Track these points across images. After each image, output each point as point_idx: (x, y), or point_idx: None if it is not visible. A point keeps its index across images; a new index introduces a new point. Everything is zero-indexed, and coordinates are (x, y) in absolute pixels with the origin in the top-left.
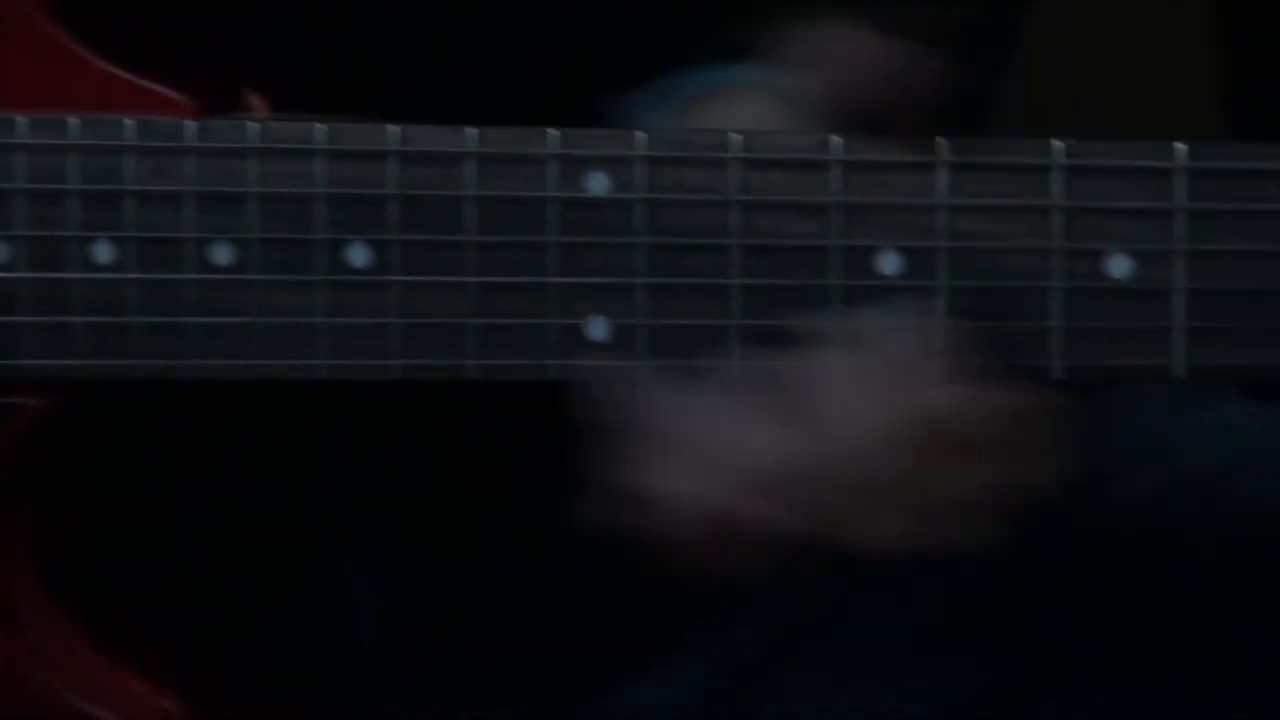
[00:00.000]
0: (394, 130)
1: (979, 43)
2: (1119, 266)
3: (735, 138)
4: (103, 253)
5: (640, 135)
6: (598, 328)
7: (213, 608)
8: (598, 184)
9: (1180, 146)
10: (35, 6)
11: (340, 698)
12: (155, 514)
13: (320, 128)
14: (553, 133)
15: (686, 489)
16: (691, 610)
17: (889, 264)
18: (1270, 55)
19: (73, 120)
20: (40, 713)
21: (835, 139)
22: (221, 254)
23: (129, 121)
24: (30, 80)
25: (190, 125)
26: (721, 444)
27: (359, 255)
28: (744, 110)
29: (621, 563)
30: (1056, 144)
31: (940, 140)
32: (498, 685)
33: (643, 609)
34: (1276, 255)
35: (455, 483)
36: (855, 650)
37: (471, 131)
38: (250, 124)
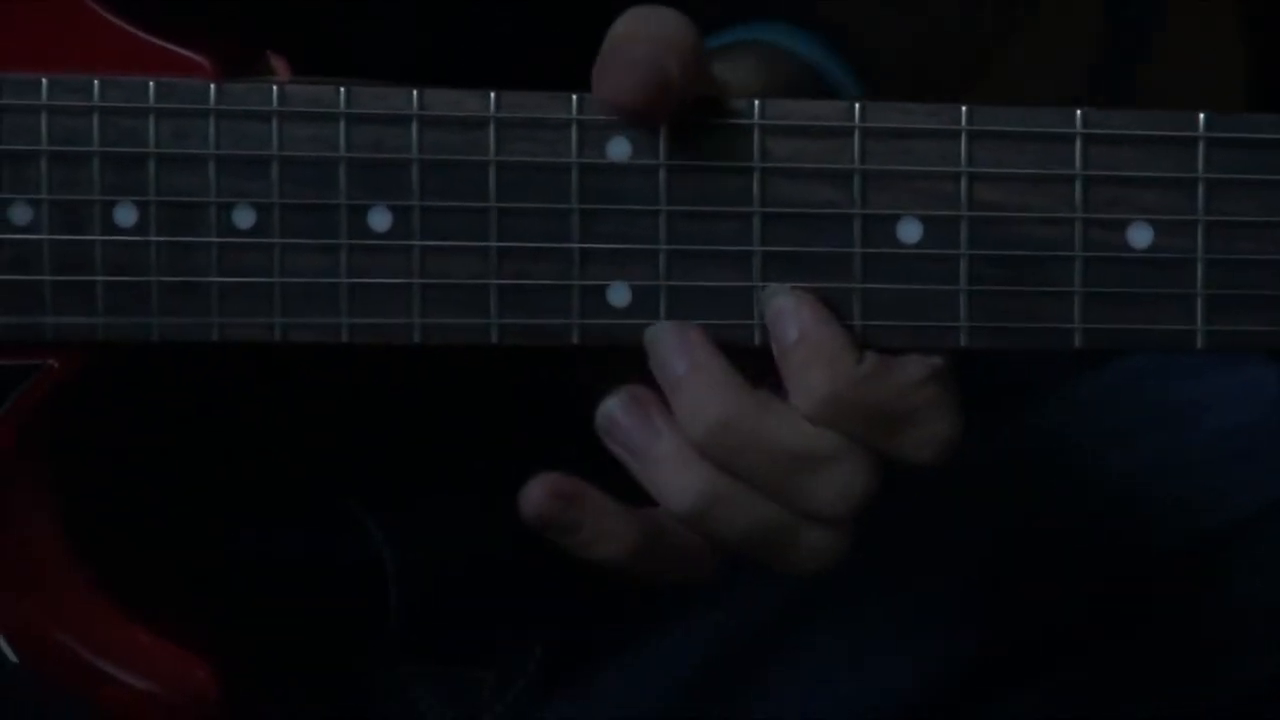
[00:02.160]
0: (415, 94)
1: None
2: (1139, 235)
3: (756, 104)
4: (125, 216)
5: None
6: (619, 293)
7: (239, 573)
8: (619, 149)
9: (1200, 116)
10: None
11: (367, 661)
12: (183, 478)
13: (341, 91)
14: (574, 97)
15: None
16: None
17: (909, 232)
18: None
19: (96, 82)
20: (65, 674)
21: (857, 105)
22: (243, 217)
23: (151, 84)
24: (54, 42)
25: (212, 88)
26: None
27: (380, 219)
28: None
29: None
30: (1077, 112)
31: (962, 107)
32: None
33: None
34: None
35: (484, 447)
36: (837, 638)
37: (492, 96)
38: (272, 87)
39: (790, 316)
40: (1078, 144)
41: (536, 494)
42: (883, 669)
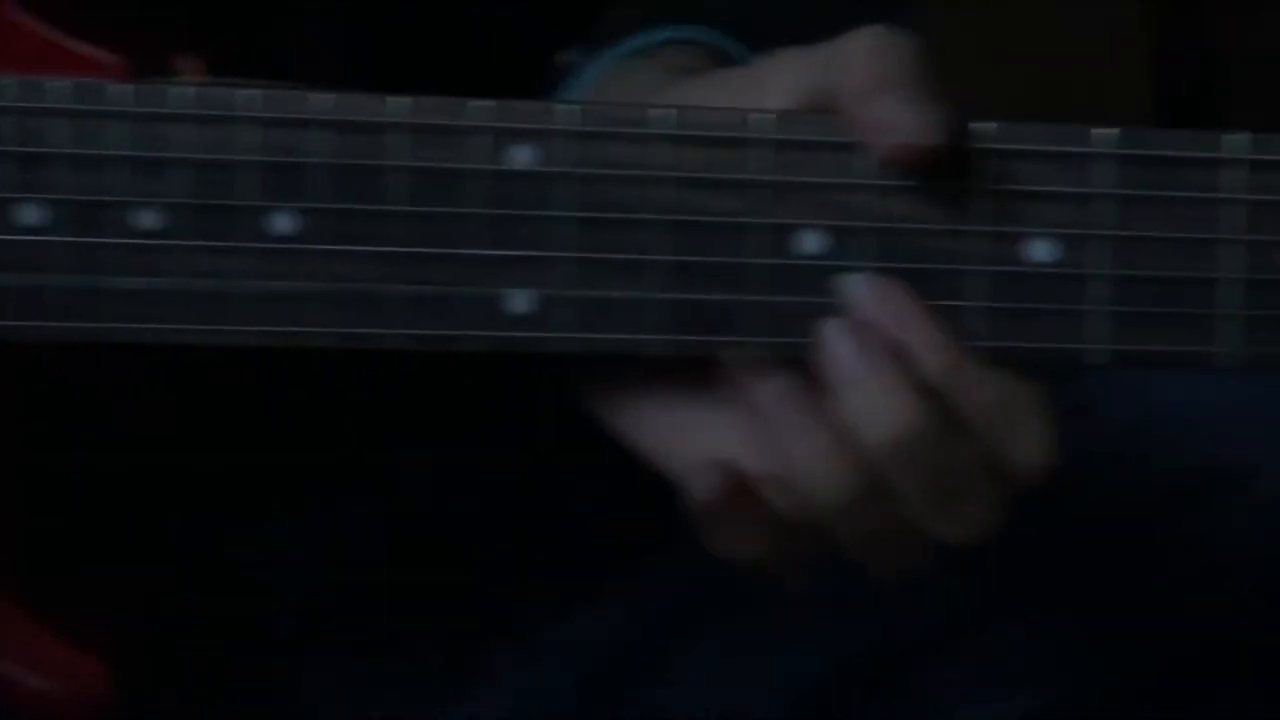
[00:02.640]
0: (321, 98)
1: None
2: (1041, 250)
3: (663, 113)
4: (29, 214)
5: (568, 109)
6: (522, 300)
7: (135, 569)
8: (524, 156)
9: (1106, 132)
10: None
11: (264, 654)
12: (80, 475)
13: (248, 94)
14: (479, 104)
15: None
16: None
17: (812, 243)
18: (1193, 45)
19: (4, 81)
20: None
21: (762, 116)
22: (148, 218)
23: (60, 83)
24: None
25: (120, 88)
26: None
27: (283, 222)
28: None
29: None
30: (984, 126)
31: None
32: (412, 640)
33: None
34: (1198, 242)
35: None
36: (741, 627)
37: (398, 100)
38: (180, 88)
39: (887, 300)
40: (987, 157)
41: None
42: (789, 658)
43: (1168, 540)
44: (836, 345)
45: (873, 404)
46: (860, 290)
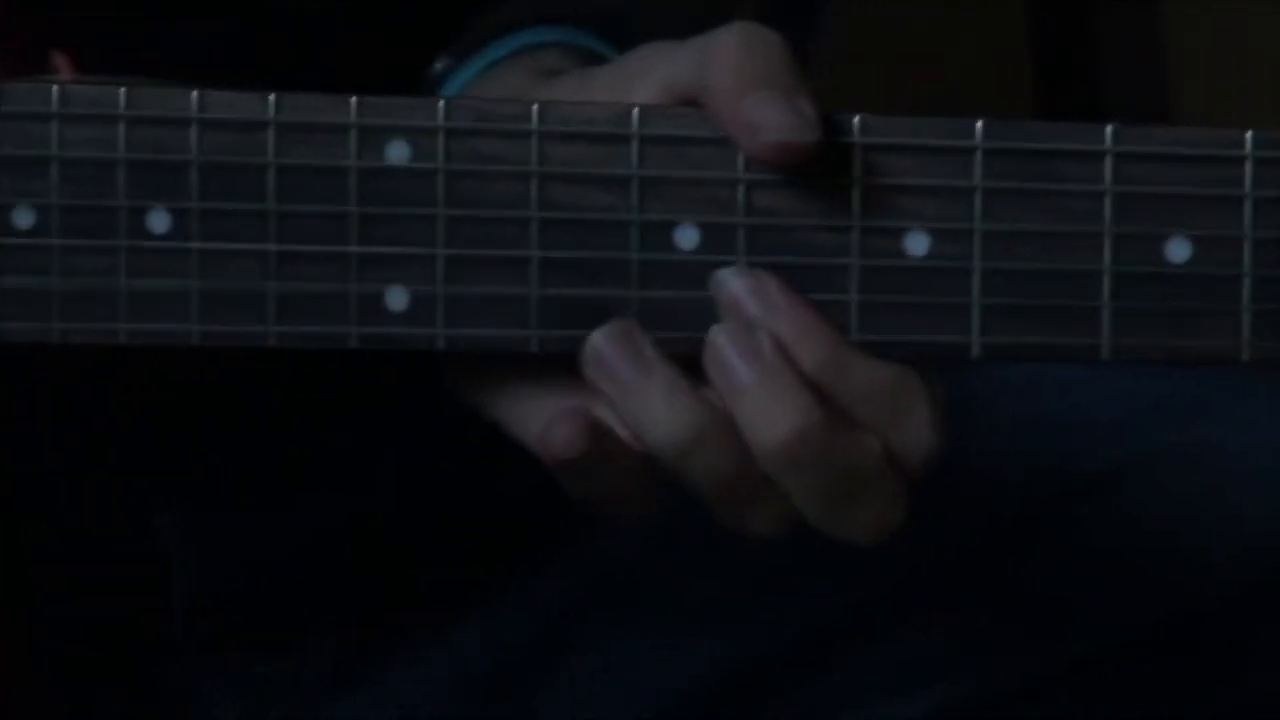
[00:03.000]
0: (194, 96)
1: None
2: (913, 244)
3: (535, 109)
4: None
5: (441, 105)
6: (397, 297)
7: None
8: (397, 153)
9: (978, 124)
10: None
11: (152, 651)
12: None
13: (121, 93)
14: (352, 100)
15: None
16: (496, 570)
17: (687, 238)
18: (1070, 35)
19: None
20: None
21: (635, 112)
22: (23, 218)
23: None
24: None
25: None
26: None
27: (159, 221)
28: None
29: (432, 517)
30: (855, 120)
31: None
32: (306, 639)
33: (451, 564)
34: (1072, 235)
35: (266, 434)
36: (626, 634)
37: (271, 98)
38: (52, 87)
39: (763, 293)
40: (856, 151)
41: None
42: (674, 664)
43: (1058, 538)
44: (722, 352)
45: (762, 409)
46: (732, 282)
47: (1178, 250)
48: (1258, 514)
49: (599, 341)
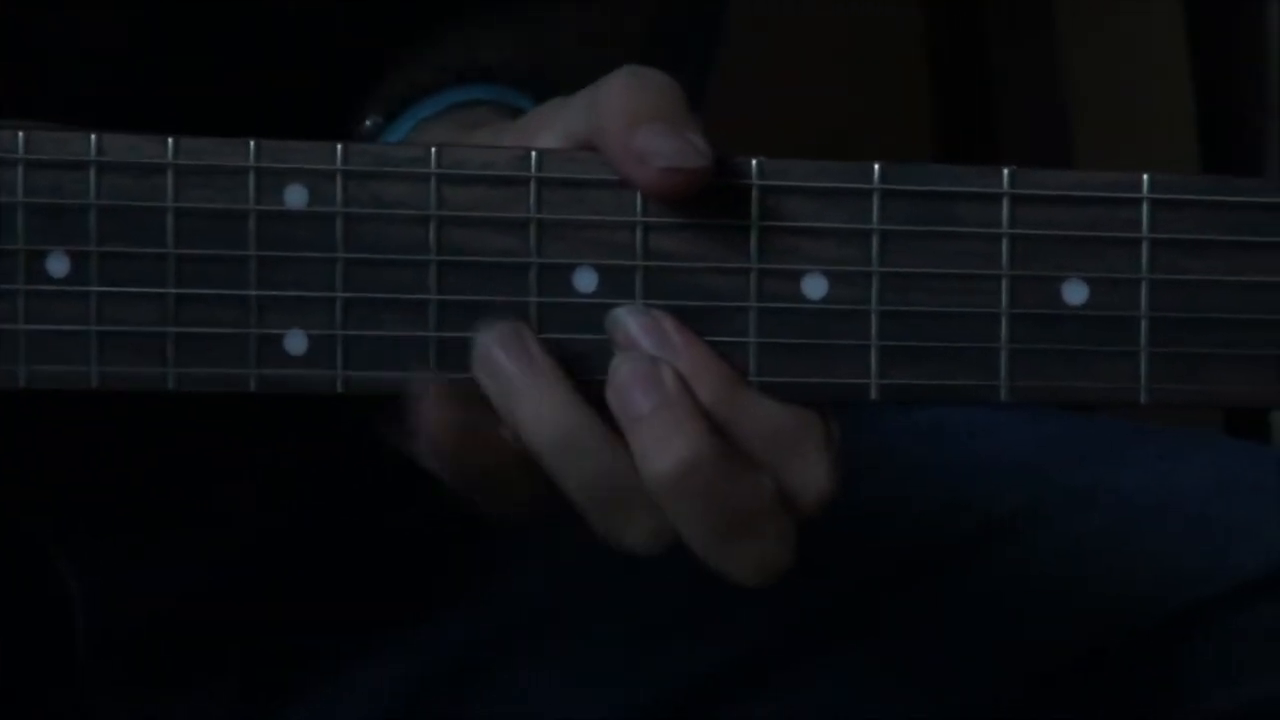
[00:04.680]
0: (93, 139)
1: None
2: (809, 286)
3: (432, 152)
4: None
5: (338, 148)
6: (296, 341)
7: None
8: (296, 197)
9: (875, 167)
10: None
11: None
12: None
13: (20, 136)
14: (251, 144)
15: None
16: (406, 605)
17: (585, 281)
18: (972, 85)
19: None
20: None
21: (534, 154)
22: None
23: None
24: None
25: None
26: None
27: (58, 265)
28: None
29: (341, 550)
30: (753, 162)
31: None
32: (210, 676)
33: (360, 599)
34: (969, 277)
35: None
36: (571, 648)
37: (170, 141)
38: None
39: (659, 332)
40: (754, 194)
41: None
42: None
43: (962, 579)
44: (623, 380)
45: (656, 437)
46: (628, 321)
47: (1074, 293)
48: (1153, 550)
49: (487, 339)
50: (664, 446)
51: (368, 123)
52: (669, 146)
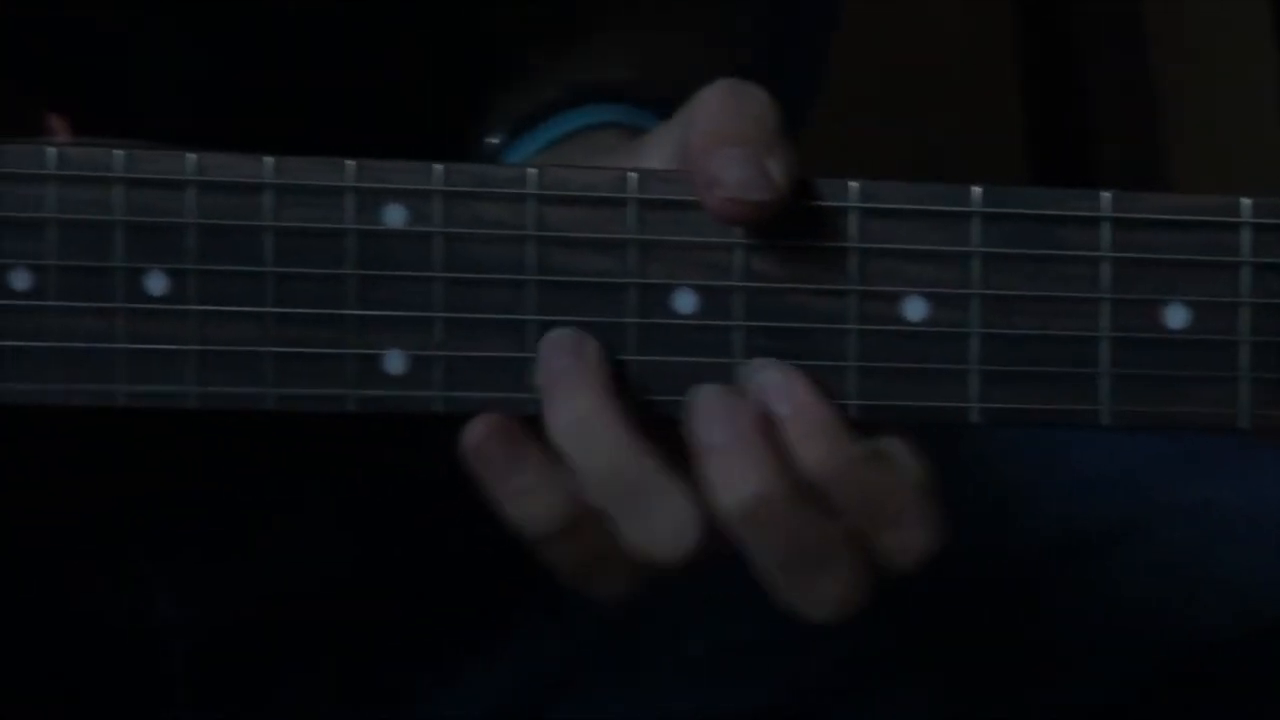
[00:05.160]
0: (191, 158)
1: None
2: (914, 309)
3: (532, 173)
4: None
5: (438, 168)
6: (395, 360)
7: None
8: (395, 216)
9: (975, 190)
10: None
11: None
12: None
13: (118, 154)
14: (350, 163)
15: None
16: (493, 623)
17: (684, 303)
18: (1063, 99)
19: None
20: None
21: (634, 175)
22: (19, 280)
23: None
24: None
25: None
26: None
27: (156, 283)
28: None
29: (431, 561)
30: (852, 185)
31: None
32: (301, 685)
33: (449, 609)
34: (1070, 300)
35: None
36: (658, 662)
37: (269, 160)
38: (49, 149)
39: (782, 389)
40: (853, 216)
41: (479, 429)
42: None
43: (1062, 591)
44: (706, 410)
45: (730, 469)
46: (767, 376)
47: (1176, 316)
48: (1251, 564)
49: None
50: (733, 481)
51: (492, 140)
52: (738, 175)
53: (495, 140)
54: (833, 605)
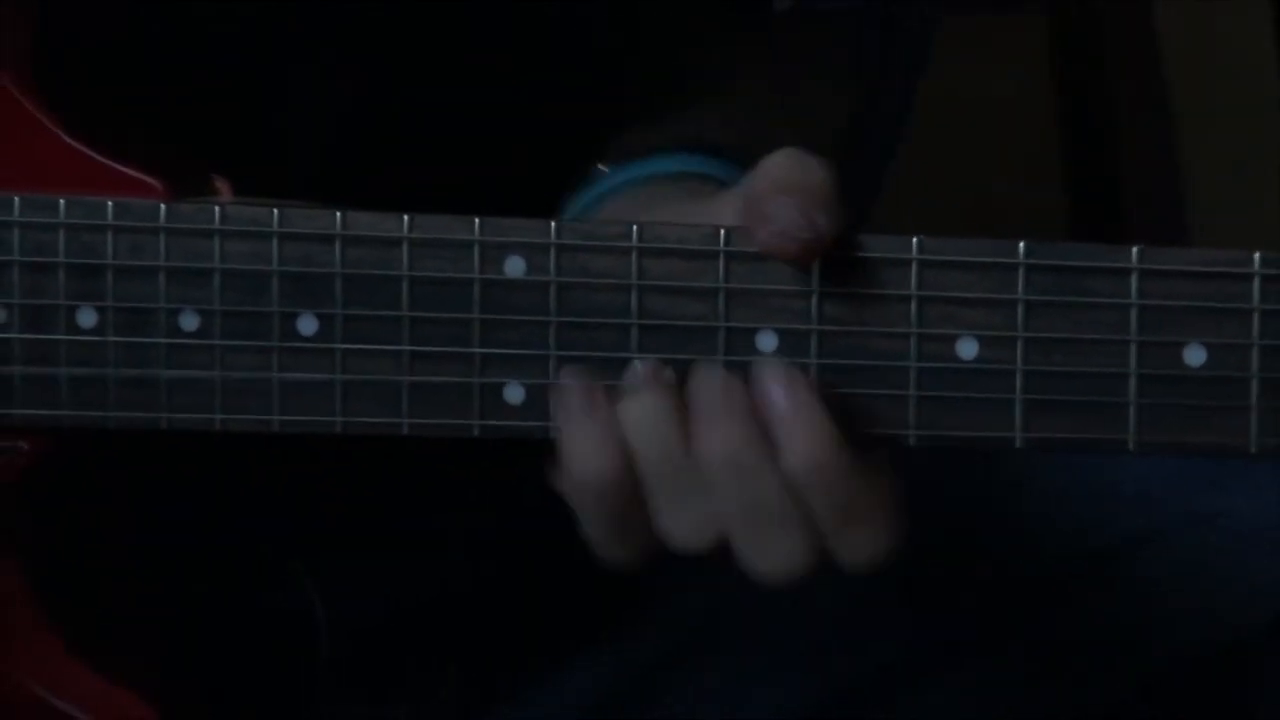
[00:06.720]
0: (339, 216)
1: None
2: (966, 348)
3: (636, 229)
4: (86, 318)
5: (553, 224)
6: (514, 392)
7: (187, 625)
8: (515, 267)
9: (1020, 244)
10: (33, 105)
11: (300, 705)
12: (139, 541)
13: (275, 212)
14: (476, 221)
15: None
16: (589, 632)
17: (767, 342)
18: (1101, 150)
19: (61, 201)
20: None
21: (722, 231)
22: (188, 321)
23: (110, 203)
24: (25, 166)
25: (162, 208)
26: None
27: (307, 325)
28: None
29: (543, 572)
30: (913, 240)
31: None
32: (430, 683)
33: (559, 615)
34: (1101, 342)
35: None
36: (751, 651)
37: (405, 218)
38: (215, 207)
39: (784, 385)
40: (914, 267)
41: (573, 375)
42: (766, 697)
43: (1088, 593)
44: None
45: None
46: (770, 370)
47: (1194, 355)
48: (1265, 569)
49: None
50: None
51: (601, 168)
52: (787, 216)
53: (604, 168)
54: (784, 569)
